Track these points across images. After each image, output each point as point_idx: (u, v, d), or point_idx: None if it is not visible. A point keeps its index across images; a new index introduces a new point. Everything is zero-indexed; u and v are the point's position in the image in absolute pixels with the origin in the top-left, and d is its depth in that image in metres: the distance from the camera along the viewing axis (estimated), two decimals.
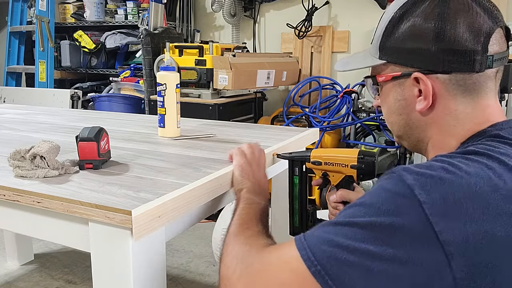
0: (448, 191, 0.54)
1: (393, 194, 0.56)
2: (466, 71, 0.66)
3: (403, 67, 0.71)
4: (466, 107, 0.68)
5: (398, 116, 0.75)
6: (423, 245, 0.53)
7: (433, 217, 0.53)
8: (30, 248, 2.27)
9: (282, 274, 0.60)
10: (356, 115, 2.78)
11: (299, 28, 3.25)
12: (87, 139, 0.94)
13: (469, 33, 0.65)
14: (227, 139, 1.31)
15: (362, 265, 0.55)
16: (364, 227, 0.56)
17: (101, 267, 0.76)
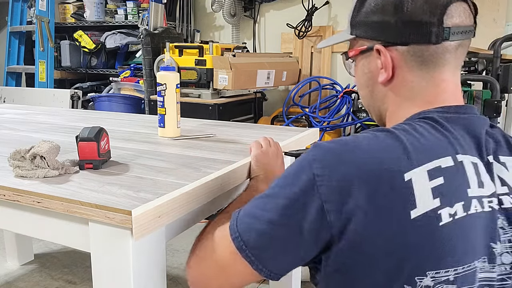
0: (337, 165, 0.61)
1: (299, 166, 0.65)
2: (423, 43, 0.68)
3: (369, 40, 0.74)
4: (421, 81, 0.70)
5: (366, 88, 0.79)
6: (312, 213, 0.60)
7: (321, 188, 0.60)
8: (30, 248, 2.27)
9: (221, 249, 0.69)
10: (356, 115, 2.78)
11: (299, 28, 3.25)
12: (87, 139, 0.94)
13: (427, 5, 0.67)
14: (227, 139, 1.31)
15: (267, 233, 0.63)
16: (273, 197, 0.65)
17: (101, 267, 0.76)
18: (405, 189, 0.58)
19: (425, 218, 0.58)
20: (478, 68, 2.33)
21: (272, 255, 0.65)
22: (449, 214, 0.59)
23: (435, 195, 0.59)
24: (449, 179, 0.60)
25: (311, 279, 0.73)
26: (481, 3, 2.80)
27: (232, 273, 0.69)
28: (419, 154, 0.61)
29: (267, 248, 0.64)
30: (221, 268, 0.69)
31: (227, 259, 0.68)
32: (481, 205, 0.62)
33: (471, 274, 0.60)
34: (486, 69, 2.30)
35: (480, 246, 0.61)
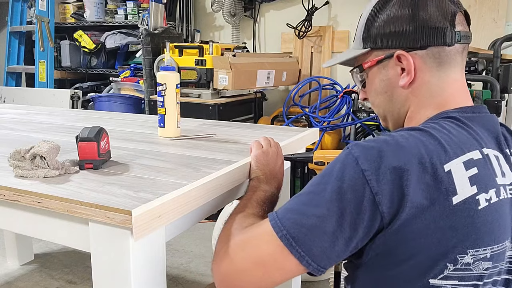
0: (383, 160, 0.66)
1: (342, 164, 0.68)
2: (439, 45, 0.76)
3: (385, 50, 0.80)
4: (438, 80, 0.78)
5: (383, 94, 0.84)
6: (364, 205, 0.64)
7: (371, 182, 0.65)
8: (30, 248, 2.27)
9: (260, 246, 0.71)
10: (356, 115, 2.78)
11: (299, 28, 3.25)
12: (87, 139, 0.94)
13: (439, 13, 0.76)
14: (227, 139, 1.31)
15: (317, 227, 0.66)
16: (318, 193, 0.68)
17: (101, 267, 0.76)
18: (446, 179, 0.65)
19: (465, 204, 0.65)
20: (478, 68, 2.33)
21: (322, 250, 0.67)
22: (485, 199, 0.66)
23: (472, 183, 0.66)
24: (481, 169, 0.68)
25: (346, 278, 0.78)
26: (481, 3, 2.80)
27: (274, 269, 0.70)
28: (452, 148, 0.68)
29: (318, 243, 0.67)
30: (259, 265, 0.70)
31: (269, 256, 0.70)
32: (505, 192, 0.70)
33: (502, 252, 0.68)
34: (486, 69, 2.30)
35: (508, 227, 0.69)
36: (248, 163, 1.05)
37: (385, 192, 0.64)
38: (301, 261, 0.67)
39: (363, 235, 0.66)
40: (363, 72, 0.86)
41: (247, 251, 0.72)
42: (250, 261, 0.71)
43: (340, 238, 0.66)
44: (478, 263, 0.66)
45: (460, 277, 0.65)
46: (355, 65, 0.88)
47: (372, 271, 0.70)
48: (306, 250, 0.67)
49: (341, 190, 0.66)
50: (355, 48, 0.87)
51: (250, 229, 0.75)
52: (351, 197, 0.65)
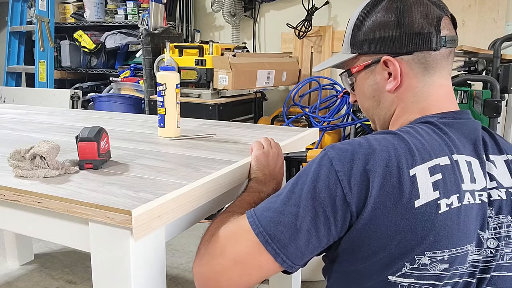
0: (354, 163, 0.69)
1: (318, 165, 0.72)
2: (425, 49, 0.78)
3: (372, 55, 0.83)
4: (424, 85, 0.80)
5: (371, 99, 0.86)
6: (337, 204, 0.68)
7: (343, 182, 0.68)
8: (30, 248, 2.27)
9: (237, 243, 0.73)
10: (356, 115, 2.78)
11: (299, 28, 3.25)
12: (87, 139, 0.94)
13: (424, 19, 0.78)
14: (227, 139, 1.31)
15: (293, 225, 0.69)
16: (297, 193, 0.71)
17: (101, 267, 0.76)
18: (410, 183, 0.67)
19: (426, 207, 0.67)
20: (478, 68, 2.33)
21: (296, 247, 0.70)
22: (446, 204, 0.68)
23: (435, 188, 0.68)
24: (446, 175, 0.69)
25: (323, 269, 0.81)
26: (481, 3, 2.80)
27: (251, 266, 0.72)
28: (421, 153, 0.70)
29: (293, 240, 0.69)
30: (237, 262, 0.72)
31: (246, 254, 0.72)
32: (473, 197, 0.71)
33: (463, 256, 0.69)
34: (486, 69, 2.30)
35: (471, 233, 0.70)
36: (248, 163, 1.05)
37: (354, 192, 0.68)
38: (276, 258, 0.70)
39: (336, 233, 0.70)
40: (351, 76, 0.88)
41: (226, 248, 0.74)
42: (229, 258, 0.73)
43: (314, 236, 0.69)
44: (435, 264, 0.68)
45: (417, 276, 0.68)
46: (344, 69, 0.90)
47: (339, 265, 0.74)
48: (281, 247, 0.70)
49: (316, 189, 0.69)
50: (343, 53, 0.89)
51: (228, 226, 0.76)
52: (325, 196, 0.69)
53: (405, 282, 0.68)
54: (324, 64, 0.96)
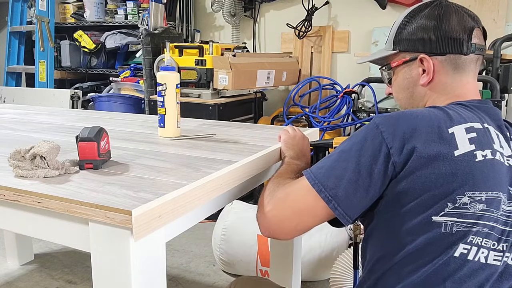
0: (399, 124, 0.82)
1: (366, 129, 0.85)
2: (457, 53, 0.91)
3: (411, 53, 0.96)
4: (453, 82, 0.93)
5: (406, 90, 0.99)
6: (380, 159, 0.80)
7: (387, 140, 0.80)
8: (30, 248, 2.27)
9: (298, 197, 0.86)
10: (356, 115, 2.78)
11: (299, 28, 3.25)
12: (87, 139, 0.94)
13: (459, 27, 0.91)
14: (227, 139, 1.31)
15: (342, 176, 0.82)
16: (346, 151, 0.84)
17: (101, 267, 0.76)
18: (450, 137, 0.80)
19: (465, 156, 0.78)
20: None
21: (346, 195, 0.81)
22: (481, 155, 0.79)
23: (471, 142, 0.80)
24: (479, 134, 0.81)
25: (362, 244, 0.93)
26: (481, 3, 2.80)
27: (307, 215, 0.86)
28: (457, 118, 0.83)
29: (343, 189, 0.81)
30: (297, 211, 0.86)
31: (303, 204, 0.85)
32: (503, 158, 0.82)
33: (497, 201, 0.79)
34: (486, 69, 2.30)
35: (503, 184, 0.80)
36: (249, 163, 1.05)
37: (397, 147, 0.79)
38: (328, 203, 0.82)
39: (380, 184, 0.81)
40: (390, 70, 1.01)
41: (288, 202, 0.87)
42: (291, 210, 0.86)
43: (361, 185, 0.81)
44: (474, 204, 0.77)
45: (458, 214, 0.77)
46: (385, 64, 1.03)
47: (384, 216, 0.83)
48: (333, 194, 0.82)
49: (363, 148, 0.82)
50: (386, 49, 1.02)
51: (289, 185, 0.90)
52: (371, 153, 0.81)
53: (448, 221, 0.77)
54: (368, 57, 1.10)
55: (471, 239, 0.77)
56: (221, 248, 2.05)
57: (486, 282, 0.77)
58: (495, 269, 0.78)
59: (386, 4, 3.08)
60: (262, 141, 1.28)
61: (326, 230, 2.00)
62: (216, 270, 2.16)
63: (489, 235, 0.78)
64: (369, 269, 0.87)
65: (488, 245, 0.78)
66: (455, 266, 0.77)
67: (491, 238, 0.78)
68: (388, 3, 3.09)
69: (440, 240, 0.77)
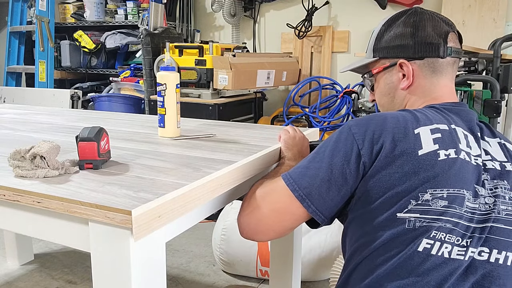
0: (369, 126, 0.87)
1: (340, 132, 0.90)
2: (434, 56, 0.97)
3: (391, 59, 1.01)
4: (431, 85, 0.98)
5: (387, 95, 1.05)
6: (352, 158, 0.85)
7: (358, 141, 0.86)
8: (30, 248, 2.27)
9: (275, 197, 0.90)
10: (356, 115, 2.78)
11: (299, 28, 3.25)
12: (87, 139, 0.94)
13: (434, 32, 0.97)
14: (227, 139, 1.31)
15: (316, 176, 0.86)
16: (321, 153, 0.89)
17: (101, 267, 0.76)
18: (415, 137, 0.84)
19: (427, 155, 0.82)
20: (478, 68, 2.33)
21: (319, 194, 0.86)
22: (445, 154, 0.83)
23: (435, 142, 0.84)
24: (444, 135, 0.86)
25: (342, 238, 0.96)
26: (481, 3, 2.80)
27: (284, 213, 0.89)
28: (424, 120, 0.88)
29: (316, 188, 0.86)
30: (274, 211, 0.89)
31: (280, 203, 0.89)
32: (469, 157, 0.85)
33: (460, 198, 0.81)
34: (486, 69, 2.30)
35: (468, 182, 0.83)
36: (249, 163, 1.05)
37: (367, 147, 0.84)
38: (302, 203, 0.86)
39: (352, 183, 0.85)
40: (372, 77, 1.06)
41: (265, 201, 0.90)
42: (268, 208, 0.90)
43: (334, 184, 0.85)
44: (435, 201, 0.80)
45: (421, 211, 0.80)
46: (366, 71, 1.08)
47: (356, 213, 0.87)
48: (306, 193, 0.86)
49: (336, 148, 0.87)
50: (367, 58, 1.07)
51: (267, 185, 0.94)
52: (343, 153, 0.86)
53: (412, 217, 0.80)
54: (349, 66, 1.14)
55: (433, 234, 0.79)
56: (221, 248, 2.05)
57: (450, 276, 0.78)
58: (459, 263, 0.79)
59: (386, 4, 3.08)
60: (262, 141, 1.28)
61: (326, 230, 2.00)
62: (216, 270, 2.16)
63: (453, 231, 0.79)
64: (346, 261, 0.91)
65: (451, 240, 0.79)
66: (418, 260, 0.79)
67: (455, 233, 0.80)
68: (388, 3, 3.09)
69: (404, 235, 0.80)
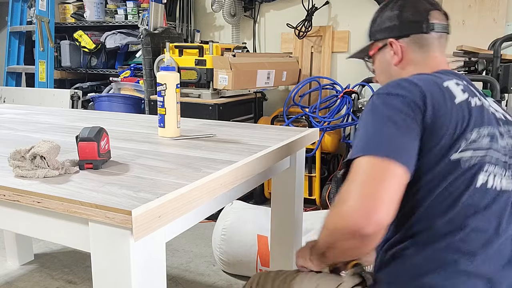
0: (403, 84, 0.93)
1: (383, 98, 0.92)
2: (419, 33, 1.06)
3: (383, 40, 1.11)
4: (421, 58, 1.07)
5: (385, 72, 1.14)
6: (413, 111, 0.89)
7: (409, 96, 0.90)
8: (30, 248, 2.27)
9: (367, 177, 0.81)
10: (356, 115, 2.78)
11: (299, 28, 3.25)
12: (87, 139, 0.94)
13: (417, 11, 1.07)
14: (227, 139, 1.31)
15: (392, 134, 0.86)
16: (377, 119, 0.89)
17: (101, 267, 0.76)
18: (447, 89, 0.93)
19: (463, 103, 0.92)
20: (478, 68, 2.33)
21: (403, 146, 0.85)
22: (474, 101, 0.93)
23: (463, 92, 0.94)
24: (465, 87, 0.96)
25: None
26: (481, 3, 2.80)
27: (383, 182, 0.80)
28: (443, 77, 0.97)
29: (398, 143, 0.85)
30: (375, 187, 0.79)
31: (375, 176, 0.81)
32: (486, 106, 0.96)
33: (496, 136, 0.92)
34: (486, 69, 2.30)
35: (494, 124, 0.94)
36: (249, 163, 1.06)
37: (418, 100, 0.89)
38: (386, 156, 0.81)
39: (419, 129, 0.88)
40: (370, 59, 1.17)
41: (363, 189, 0.80)
42: (370, 192, 0.79)
43: (408, 134, 0.86)
44: (481, 139, 0.90)
45: (473, 149, 0.88)
46: (364, 55, 1.19)
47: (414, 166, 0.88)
48: (387, 148, 0.83)
49: (392, 110, 0.88)
50: (365, 43, 1.17)
51: (349, 182, 0.83)
52: (401, 112, 0.88)
53: (465, 157, 0.88)
54: (352, 53, 1.24)
55: (485, 169, 0.88)
56: (221, 248, 2.05)
57: (506, 206, 0.89)
58: (509, 193, 0.90)
59: None
60: (262, 141, 1.28)
61: None
62: (216, 270, 2.16)
63: (498, 165, 0.90)
64: (398, 224, 0.91)
65: (500, 172, 0.90)
66: (479, 196, 0.87)
67: (500, 166, 0.90)
68: None
69: (462, 176, 0.87)
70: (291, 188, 1.46)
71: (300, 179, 1.50)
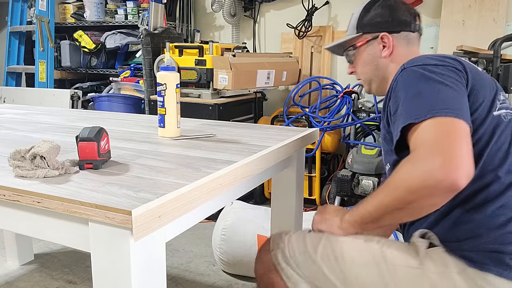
0: (440, 56, 1.06)
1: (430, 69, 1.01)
2: (408, 31, 1.21)
3: (372, 33, 1.22)
4: (407, 52, 1.20)
5: (371, 64, 1.23)
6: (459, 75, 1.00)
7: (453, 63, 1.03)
8: (30, 248, 2.27)
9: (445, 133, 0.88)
10: (356, 115, 2.78)
11: (299, 28, 3.25)
12: (87, 139, 0.94)
13: (408, 12, 1.22)
14: (227, 139, 1.31)
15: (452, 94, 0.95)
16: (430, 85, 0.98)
17: (101, 267, 0.76)
18: (467, 62, 1.05)
19: (483, 72, 1.08)
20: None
21: (460, 104, 0.93)
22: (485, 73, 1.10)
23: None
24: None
25: None
26: (481, 3, 2.80)
27: (459, 135, 0.87)
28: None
29: (456, 100, 0.94)
30: (450, 140, 0.86)
31: (452, 131, 0.88)
32: None
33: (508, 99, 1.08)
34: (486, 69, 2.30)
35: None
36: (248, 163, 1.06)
37: (459, 66, 1.02)
38: (454, 116, 0.89)
39: (466, 93, 0.98)
40: (355, 49, 1.24)
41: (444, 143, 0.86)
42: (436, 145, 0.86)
43: (464, 96, 0.96)
44: (504, 99, 1.07)
45: (505, 107, 1.05)
46: (348, 46, 1.26)
47: None
48: (452, 108, 0.91)
49: (442, 74, 0.97)
50: (349, 35, 1.26)
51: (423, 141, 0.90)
52: (451, 72, 0.99)
53: (503, 113, 1.03)
54: (334, 43, 1.30)
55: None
56: (221, 248, 2.05)
57: None
58: None
59: None
60: (262, 141, 1.28)
61: None
62: (216, 270, 2.16)
63: None
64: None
65: None
66: None
67: None
68: None
69: (506, 128, 1.01)
70: (291, 188, 1.46)
71: (300, 179, 1.50)
